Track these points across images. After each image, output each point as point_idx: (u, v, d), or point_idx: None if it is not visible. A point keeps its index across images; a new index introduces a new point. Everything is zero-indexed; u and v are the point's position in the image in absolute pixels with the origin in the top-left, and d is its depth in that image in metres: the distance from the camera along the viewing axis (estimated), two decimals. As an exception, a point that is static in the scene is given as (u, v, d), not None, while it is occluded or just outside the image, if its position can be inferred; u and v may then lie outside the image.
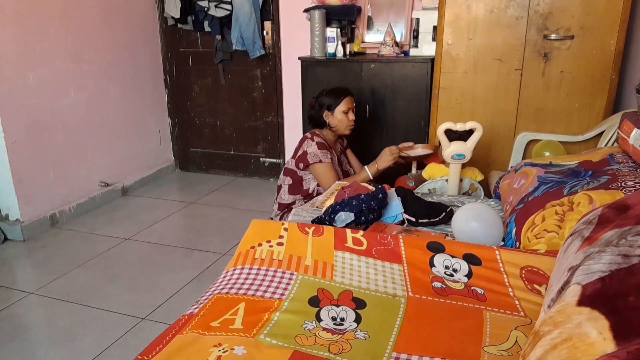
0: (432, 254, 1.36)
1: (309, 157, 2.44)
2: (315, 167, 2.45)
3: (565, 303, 0.74)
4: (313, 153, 2.43)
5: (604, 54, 2.31)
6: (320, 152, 2.43)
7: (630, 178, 1.37)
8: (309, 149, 2.46)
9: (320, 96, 2.54)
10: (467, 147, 2.04)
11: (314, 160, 2.43)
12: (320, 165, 2.43)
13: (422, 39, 2.89)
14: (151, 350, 1.07)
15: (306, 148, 2.47)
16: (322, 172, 2.44)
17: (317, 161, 2.43)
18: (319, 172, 2.44)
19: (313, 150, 2.44)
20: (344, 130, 2.55)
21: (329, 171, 2.43)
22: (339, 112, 2.50)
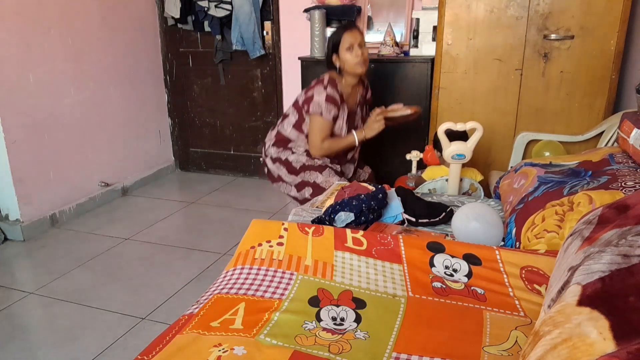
0: (432, 254, 1.36)
1: (312, 105, 2.30)
2: (314, 118, 2.29)
3: (565, 303, 0.74)
4: (318, 103, 2.28)
5: (604, 54, 2.31)
6: (326, 105, 2.26)
7: (630, 178, 1.37)
8: (317, 96, 2.30)
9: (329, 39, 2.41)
10: (468, 147, 2.05)
11: (315, 111, 2.28)
12: (318, 118, 2.27)
13: (422, 39, 2.89)
14: (151, 350, 1.07)
15: (315, 94, 2.32)
16: (316, 126, 2.29)
17: (317, 112, 2.28)
18: (314, 124, 2.30)
19: (320, 100, 2.28)
20: (354, 69, 2.35)
21: (323, 129, 2.28)
22: (343, 51, 2.33)
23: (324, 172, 2.41)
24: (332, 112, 2.28)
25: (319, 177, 2.41)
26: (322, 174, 2.41)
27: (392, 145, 2.90)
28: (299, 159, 2.44)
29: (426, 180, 2.31)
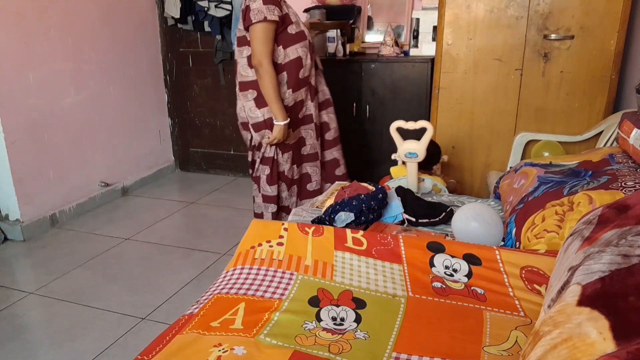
0: (432, 254, 1.36)
1: (251, 14, 2.00)
2: (255, 28, 2.00)
3: (565, 303, 0.74)
4: (257, 10, 1.99)
5: (604, 54, 2.31)
6: (266, 7, 1.98)
7: (630, 178, 1.37)
8: (252, 4, 2.01)
9: None
10: (419, 146, 2.06)
11: (256, 19, 1.98)
12: (259, 25, 1.99)
13: (422, 39, 2.89)
14: (151, 350, 1.07)
15: (249, 2, 2.02)
16: (261, 35, 2.00)
17: (260, 19, 1.98)
18: (257, 34, 2.00)
19: (257, 6, 1.99)
20: None
21: (269, 35, 2.02)
22: None
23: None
24: (275, 11, 2.01)
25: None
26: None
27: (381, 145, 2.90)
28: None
29: (392, 177, 2.31)
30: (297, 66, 2.20)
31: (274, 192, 2.44)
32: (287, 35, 2.14)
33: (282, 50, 2.14)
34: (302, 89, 2.29)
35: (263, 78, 2.11)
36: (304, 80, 2.28)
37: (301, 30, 2.20)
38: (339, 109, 3.06)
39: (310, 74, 2.32)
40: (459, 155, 2.69)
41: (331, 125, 2.53)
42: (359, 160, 3.13)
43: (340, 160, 2.60)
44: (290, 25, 2.15)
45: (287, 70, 2.18)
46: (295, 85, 2.24)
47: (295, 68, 2.20)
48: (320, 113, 2.48)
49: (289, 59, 2.17)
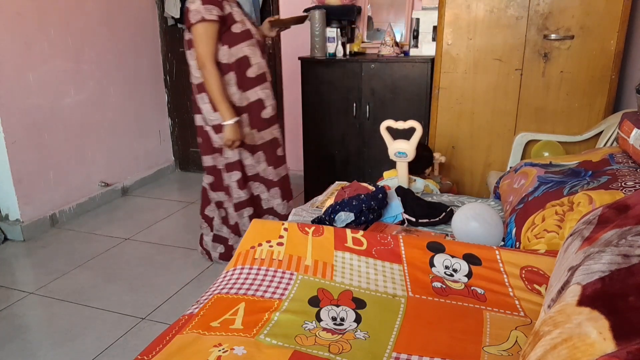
0: (432, 254, 1.36)
1: (190, 15, 2.01)
2: (195, 28, 2.01)
3: (565, 303, 0.74)
4: (196, 10, 2.00)
5: (604, 54, 2.31)
6: (204, 7, 1.98)
7: (630, 178, 1.37)
8: (192, 6, 2.01)
9: None
10: (409, 146, 2.05)
11: (194, 19, 1.99)
12: (199, 25, 1.99)
13: (422, 39, 2.89)
14: (151, 350, 1.07)
15: (189, 5, 2.03)
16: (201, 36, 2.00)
17: (198, 19, 1.99)
18: (197, 35, 2.01)
19: (196, 7, 2.00)
20: None
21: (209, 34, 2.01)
22: None
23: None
24: (213, 11, 2.00)
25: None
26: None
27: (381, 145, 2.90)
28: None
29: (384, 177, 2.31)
30: (245, 65, 2.17)
31: (246, 195, 2.38)
32: (232, 35, 2.11)
33: (227, 50, 2.12)
34: (257, 87, 2.23)
35: (207, 79, 2.10)
36: (256, 79, 2.22)
37: (247, 29, 2.16)
38: (339, 109, 3.08)
39: (266, 73, 2.27)
40: (459, 155, 2.69)
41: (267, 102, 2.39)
42: (359, 160, 3.13)
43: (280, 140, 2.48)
44: (234, 24, 2.11)
45: (235, 69, 2.15)
46: (245, 85, 2.20)
47: (242, 67, 2.17)
48: None
49: (235, 58, 2.13)
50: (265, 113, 2.30)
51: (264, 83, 2.27)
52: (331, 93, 3.06)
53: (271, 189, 2.44)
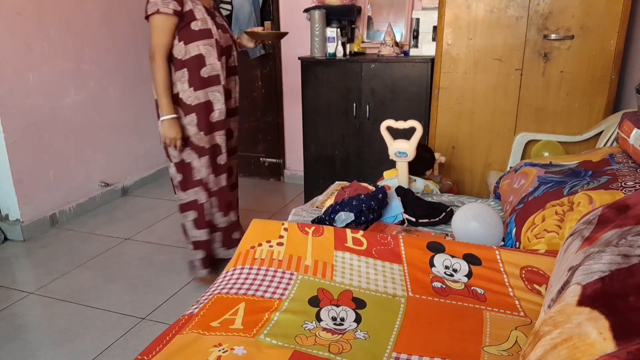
0: (432, 254, 1.36)
1: (148, 6, 2.02)
2: (151, 20, 2.02)
3: (565, 303, 0.74)
4: (153, 2, 2.00)
5: (604, 54, 2.31)
6: (162, 0, 1.99)
7: (630, 178, 1.37)
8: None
9: None
10: (409, 146, 2.05)
11: (151, 10, 2.00)
12: (155, 17, 2.00)
13: (422, 39, 2.89)
14: (151, 350, 1.07)
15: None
16: (155, 27, 2.01)
17: (154, 10, 1.99)
18: (152, 26, 2.02)
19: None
20: None
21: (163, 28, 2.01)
22: None
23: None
24: (170, 5, 2.00)
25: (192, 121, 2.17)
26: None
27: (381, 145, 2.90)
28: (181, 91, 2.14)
29: (384, 177, 2.31)
30: (199, 64, 2.12)
31: (189, 197, 2.27)
32: (190, 32, 2.07)
33: (183, 46, 2.08)
34: (207, 89, 2.16)
35: (154, 71, 2.07)
36: (208, 80, 2.15)
37: (207, 29, 2.11)
38: (339, 109, 3.07)
39: (220, 75, 2.18)
40: (459, 155, 2.69)
41: (234, 134, 2.45)
42: (359, 160, 3.13)
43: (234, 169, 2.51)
44: (194, 21, 2.07)
45: (188, 67, 2.10)
46: (198, 84, 2.13)
47: (196, 65, 2.11)
48: (229, 119, 2.36)
49: (189, 55, 2.09)
50: (213, 116, 2.21)
51: (216, 85, 2.18)
52: (331, 93, 3.06)
53: (211, 198, 2.30)
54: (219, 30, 2.16)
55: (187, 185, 2.27)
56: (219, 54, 2.15)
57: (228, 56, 2.24)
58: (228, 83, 2.28)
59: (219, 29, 2.16)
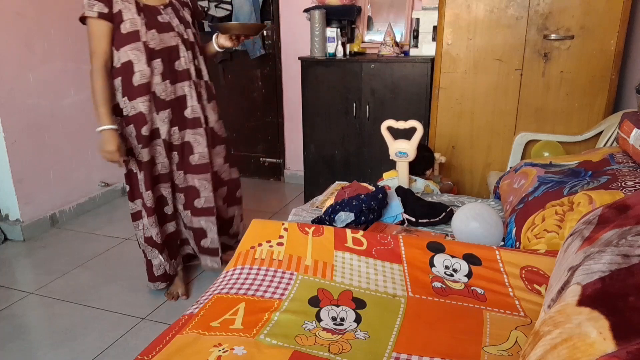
0: (432, 254, 1.36)
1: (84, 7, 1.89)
2: (87, 24, 1.90)
3: (565, 303, 0.74)
4: (83, 4, 1.87)
5: (604, 54, 2.31)
6: (88, 2, 1.86)
7: (630, 178, 1.37)
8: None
9: None
10: (410, 146, 2.06)
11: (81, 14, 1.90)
12: (88, 21, 1.89)
13: (422, 39, 2.89)
14: (151, 350, 1.07)
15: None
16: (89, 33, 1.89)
17: (81, 15, 1.90)
18: (88, 32, 1.89)
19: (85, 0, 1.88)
20: None
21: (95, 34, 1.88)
22: None
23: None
24: (95, 7, 1.85)
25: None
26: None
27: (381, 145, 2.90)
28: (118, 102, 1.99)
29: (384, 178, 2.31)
30: (128, 72, 1.92)
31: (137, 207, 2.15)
32: (120, 36, 1.90)
33: (115, 53, 1.92)
34: (140, 98, 1.95)
35: (90, 79, 1.92)
36: (139, 89, 1.94)
37: (135, 30, 1.90)
38: (339, 109, 3.07)
39: (152, 82, 1.96)
40: (459, 155, 2.69)
41: (196, 149, 2.12)
42: (359, 160, 3.13)
43: (201, 190, 2.16)
44: (122, 23, 1.89)
45: (121, 75, 1.94)
46: (130, 94, 1.95)
47: (127, 73, 1.93)
48: (185, 131, 2.09)
49: (120, 62, 1.92)
50: (146, 129, 2.00)
51: (146, 95, 1.96)
52: (331, 93, 3.06)
53: (149, 217, 2.11)
54: (151, 31, 1.92)
55: (133, 196, 2.15)
56: (148, 58, 1.92)
57: (171, 59, 1.99)
58: (176, 90, 2.02)
59: (153, 29, 1.93)
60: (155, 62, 1.95)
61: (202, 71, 2.11)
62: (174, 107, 2.03)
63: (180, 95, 2.05)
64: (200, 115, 2.09)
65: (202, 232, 2.22)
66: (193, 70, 2.05)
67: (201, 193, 2.16)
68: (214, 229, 2.21)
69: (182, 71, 2.02)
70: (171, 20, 1.99)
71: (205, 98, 2.13)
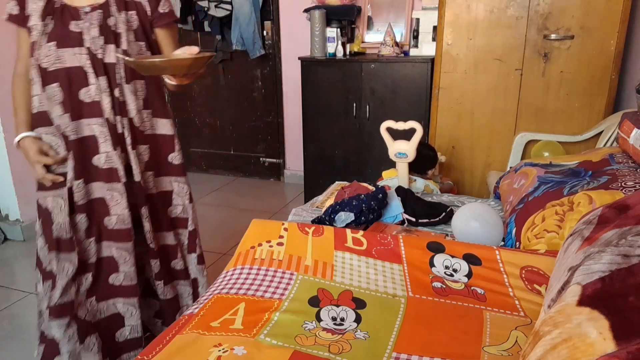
0: (432, 254, 1.36)
1: None
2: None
3: (565, 303, 0.74)
4: None
5: (604, 54, 2.31)
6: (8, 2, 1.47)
7: (630, 178, 1.37)
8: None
9: None
10: (409, 146, 2.06)
11: None
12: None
13: (422, 39, 2.89)
14: (151, 350, 1.07)
15: None
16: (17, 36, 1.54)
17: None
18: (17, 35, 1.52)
19: None
20: None
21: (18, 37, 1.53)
22: None
23: None
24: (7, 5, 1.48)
25: None
26: None
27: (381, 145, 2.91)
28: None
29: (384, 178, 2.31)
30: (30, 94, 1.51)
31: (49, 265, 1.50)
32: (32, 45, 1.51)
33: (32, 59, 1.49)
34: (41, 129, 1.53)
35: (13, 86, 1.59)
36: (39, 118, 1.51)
37: (33, 42, 1.49)
38: (339, 109, 3.07)
39: (49, 114, 1.48)
40: (459, 155, 2.69)
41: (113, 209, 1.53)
42: (359, 160, 3.13)
43: (120, 262, 1.55)
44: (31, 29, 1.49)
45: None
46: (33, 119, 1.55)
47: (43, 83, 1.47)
48: (92, 185, 1.51)
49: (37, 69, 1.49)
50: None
51: (48, 126, 1.52)
52: (331, 93, 3.06)
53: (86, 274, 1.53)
54: (48, 44, 1.43)
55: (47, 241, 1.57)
56: (43, 82, 1.46)
57: (73, 85, 1.45)
58: (81, 128, 1.47)
59: (52, 41, 1.43)
60: (50, 87, 1.44)
61: (129, 105, 1.50)
62: (77, 151, 1.47)
63: (88, 135, 1.48)
64: (117, 166, 1.49)
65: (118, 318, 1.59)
66: (108, 104, 1.46)
67: (120, 267, 1.56)
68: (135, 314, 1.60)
69: (90, 104, 1.45)
70: (86, 31, 1.43)
71: (129, 143, 1.51)
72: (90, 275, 1.54)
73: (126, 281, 1.57)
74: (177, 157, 1.67)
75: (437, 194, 2.07)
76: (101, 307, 1.57)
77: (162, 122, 1.64)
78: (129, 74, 1.51)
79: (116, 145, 1.50)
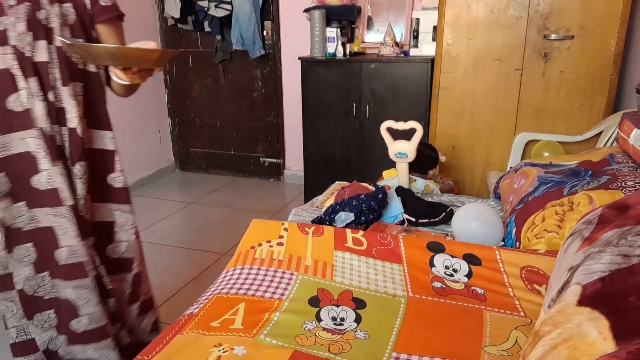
0: (432, 254, 1.36)
1: None
2: None
3: (565, 303, 0.74)
4: None
5: (604, 54, 2.31)
6: None
7: (630, 178, 1.37)
8: None
9: None
10: (409, 146, 2.06)
11: None
12: None
13: (422, 39, 2.89)
14: (151, 350, 1.07)
15: None
16: None
17: None
18: None
19: None
20: None
21: None
22: None
23: None
24: None
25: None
26: None
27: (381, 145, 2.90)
28: None
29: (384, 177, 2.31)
30: None
31: None
32: None
33: None
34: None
35: None
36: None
37: None
38: (339, 109, 3.07)
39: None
40: (459, 155, 2.69)
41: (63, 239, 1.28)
42: (359, 160, 3.13)
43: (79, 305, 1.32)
44: None
45: None
46: None
47: None
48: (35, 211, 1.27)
49: None
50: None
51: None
52: (331, 93, 3.06)
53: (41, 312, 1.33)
54: None
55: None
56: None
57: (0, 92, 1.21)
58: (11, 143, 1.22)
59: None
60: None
61: (68, 113, 1.25)
62: (9, 170, 1.24)
63: (22, 152, 1.23)
64: (61, 186, 1.25)
65: None
66: (41, 111, 1.21)
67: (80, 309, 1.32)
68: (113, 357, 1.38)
69: (21, 113, 1.21)
70: (11, 27, 1.19)
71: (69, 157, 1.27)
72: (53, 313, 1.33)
73: (92, 324, 1.33)
74: (118, 178, 1.36)
75: (437, 194, 2.07)
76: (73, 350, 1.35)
77: (101, 134, 1.36)
78: (66, 75, 1.23)
79: (56, 161, 1.24)
